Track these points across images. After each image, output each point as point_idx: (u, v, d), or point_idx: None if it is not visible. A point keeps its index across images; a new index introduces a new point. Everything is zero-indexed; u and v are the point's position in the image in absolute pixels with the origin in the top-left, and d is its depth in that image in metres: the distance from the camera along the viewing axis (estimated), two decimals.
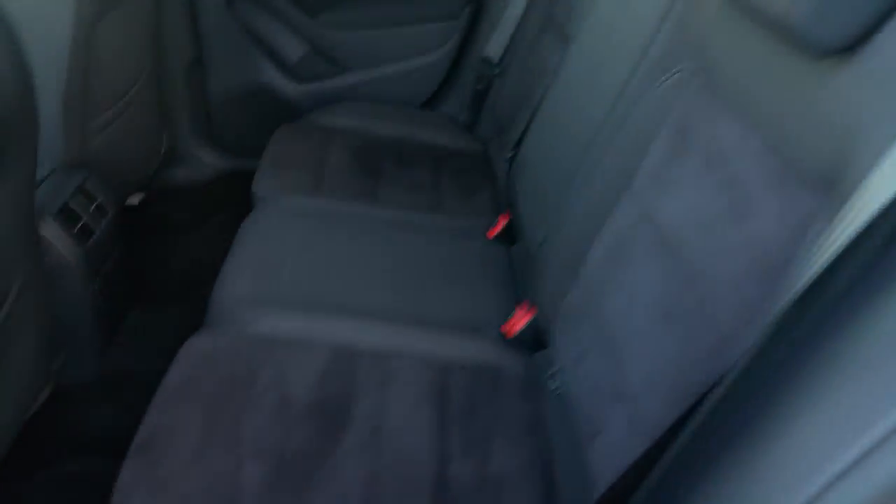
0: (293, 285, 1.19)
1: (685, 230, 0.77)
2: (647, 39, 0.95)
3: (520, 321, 1.20)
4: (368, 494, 0.88)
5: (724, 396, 0.61)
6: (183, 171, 1.88)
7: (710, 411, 0.62)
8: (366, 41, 1.83)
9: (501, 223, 1.48)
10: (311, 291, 1.19)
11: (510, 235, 1.48)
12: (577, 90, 1.21)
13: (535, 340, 1.19)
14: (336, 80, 1.87)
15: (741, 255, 0.66)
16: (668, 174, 0.83)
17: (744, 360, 0.60)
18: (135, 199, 1.71)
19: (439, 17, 1.84)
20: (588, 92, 1.14)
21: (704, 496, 0.58)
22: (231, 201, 1.75)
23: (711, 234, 0.71)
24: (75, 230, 1.14)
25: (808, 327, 0.55)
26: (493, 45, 1.80)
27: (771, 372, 0.57)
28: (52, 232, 1.09)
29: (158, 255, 1.71)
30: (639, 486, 0.70)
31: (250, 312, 1.11)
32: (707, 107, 0.79)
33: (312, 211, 1.39)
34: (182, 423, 0.91)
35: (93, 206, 1.21)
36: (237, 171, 1.92)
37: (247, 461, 0.88)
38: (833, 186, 0.57)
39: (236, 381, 0.98)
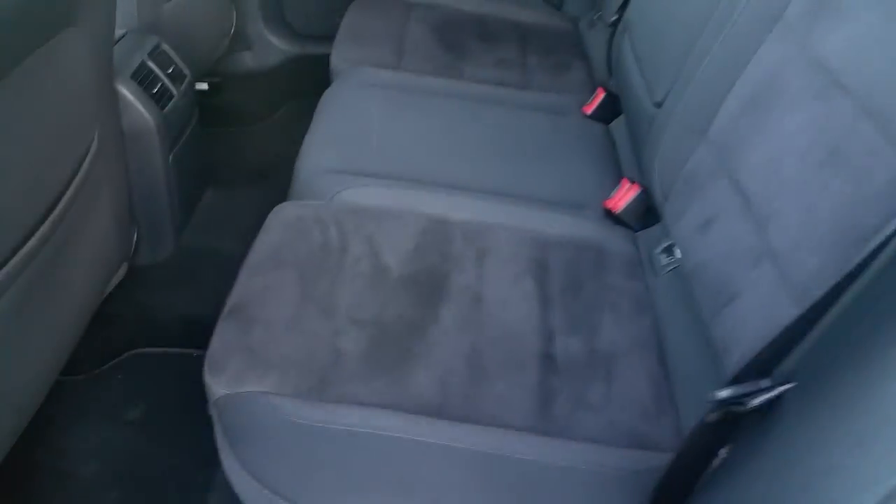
0: (380, 156, 1.12)
1: (861, 59, 0.65)
2: None
3: (625, 196, 1.11)
4: (472, 367, 0.83)
5: None
6: (251, 55, 1.80)
7: (885, 264, 0.53)
8: None
9: (598, 98, 1.36)
10: (399, 162, 1.12)
11: (607, 112, 1.37)
12: None
13: (641, 217, 1.10)
14: None
15: None
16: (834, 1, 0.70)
17: None
18: (203, 85, 1.65)
19: None
20: None
21: (868, 367, 0.48)
22: (301, 88, 1.68)
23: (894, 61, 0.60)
24: (154, 91, 1.09)
25: None
26: None
27: None
28: (131, 89, 1.04)
29: (228, 143, 1.66)
30: (789, 351, 0.61)
31: (337, 183, 1.05)
32: None
33: (394, 84, 1.30)
34: (276, 288, 0.86)
35: (170, 69, 1.15)
36: (307, 57, 1.83)
37: (345, 327, 0.83)
38: None
39: (328, 248, 0.93)
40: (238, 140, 1.71)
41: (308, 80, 1.56)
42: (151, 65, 1.10)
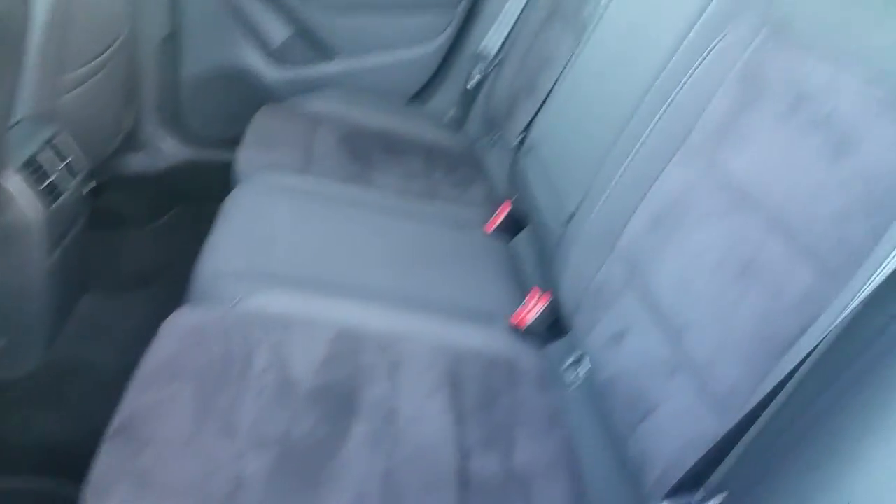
0: (287, 261, 1.09)
1: (767, 178, 0.72)
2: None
3: (532, 309, 1.13)
4: (387, 490, 0.78)
5: (823, 353, 0.55)
6: (143, 156, 1.75)
7: (807, 371, 0.56)
8: (356, 27, 1.76)
9: (501, 214, 1.42)
10: (308, 268, 1.09)
11: (510, 227, 1.42)
12: (608, 67, 1.16)
13: (550, 329, 1.12)
14: (320, 67, 1.79)
15: (846, 190, 0.62)
16: (737, 125, 0.78)
17: (852, 305, 0.54)
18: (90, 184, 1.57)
19: (435, 5, 1.79)
20: (623, 67, 1.10)
21: (797, 478, 0.50)
22: (194, 193, 1.64)
23: (805, 175, 0.67)
24: (41, 187, 1.01)
25: None
26: (492, 37, 1.76)
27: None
28: (15, 185, 0.96)
29: (111, 246, 1.57)
30: (718, 462, 0.62)
31: (241, 288, 1.01)
32: (782, 53, 0.75)
33: (302, 189, 1.30)
34: (170, 404, 0.79)
35: (62, 165, 1.08)
36: (202, 161, 1.80)
37: (247, 450, 0.77)
38: None
39: (230, 359, 0.87)
40: (122, 244, 1.62)
41: (202, 186, 1.52)
42: (45, 156, 1.03)
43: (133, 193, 1.72)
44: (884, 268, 0.53)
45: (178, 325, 0.90)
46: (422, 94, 1.89)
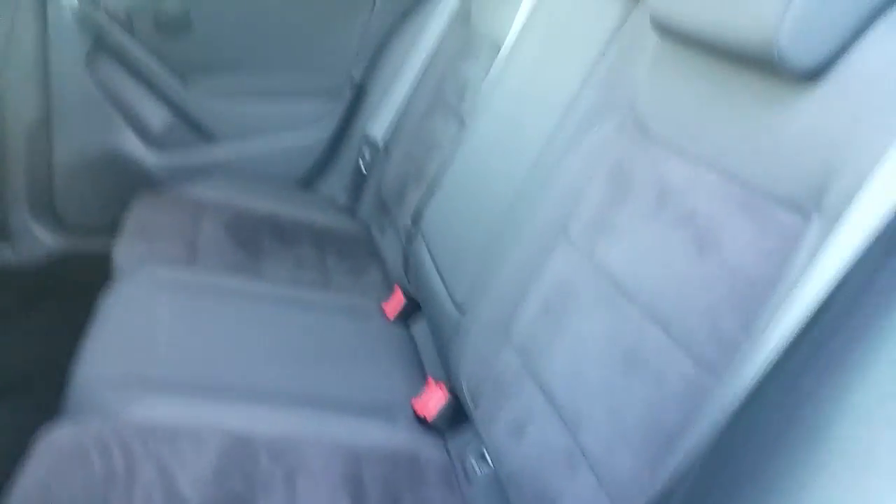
0: (171, 364, 1.04)
1: (639, 270, 0.77)
2: (574, 94, 0.99)
3: (433, 400, 1.13)
4: None
5: (712, 445, 0.58)
6: (10, 248, 1.63)
7: (699, 464, 0.59)
8: (240, 112, 1.76)
9: (398, 301, 1.42)
10: (195, 372, 1.05)
11: (406, 314, 1.42)
12: (489, 155, 1.22)
13: (452, 422, 1.12)
14: (203, 152, 1.76)
15: (712, 285, 0.67)
16: (610, 219, 0.83)
17: (734, 397, 0.59)
18: None
19: (322, 92, 1.82)
20: (503, 156, 1.16)
21: None
22: (69, 288, 1.54)
23: (673, 269, 0.72)
24: None
25: (806, 354, 0.55)
26: (378, 124, 1.80)
27: (769, 405, 0.56)
28: None
29: None
30: None
31: (121, 396, 0.95)
32: (646, 150, 0.82)
33: (187, 284, 1.25)
34: None
35: None
36: (76, 255, 1.71)
37: None
38: (816, 207, 0.59)
39: (112, 479, 0.81)
40: None
41: (77, 280, 1.44)
42: None
43: (3, 286, 1.60)
44: (759, 361, 0.58)
45: (52, 443, 0.83)
46: (312, 179, 1.90)
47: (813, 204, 0.59)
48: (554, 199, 0.94)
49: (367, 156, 1.83)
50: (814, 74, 0.59)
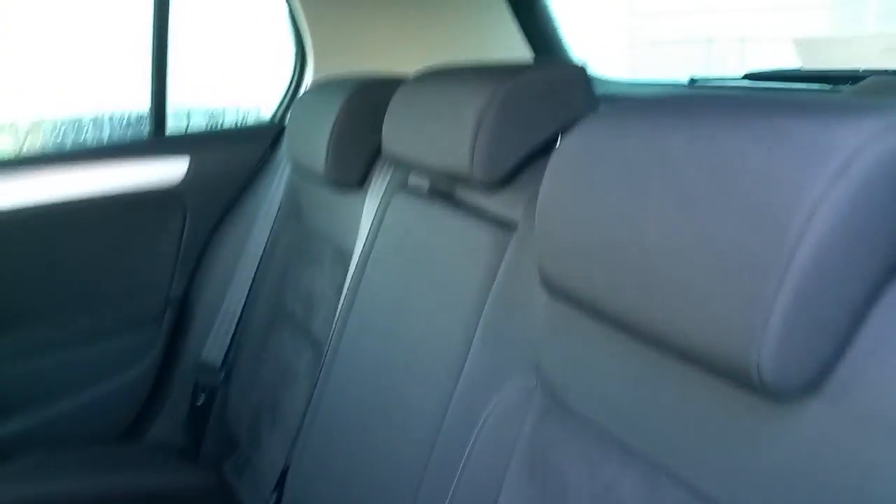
0: None
1: None
2: (458, 349, 0.82)
3: None
4: None
5: None
6: None
7: None
8: (37, 372, 1.46)
9: None
10: None
11: None
12: (361, 406, 1.03)
13: None
14: None
15: None
16: None
17: None
18: None
19: (136, 325, 1.57)
20: (382, 409, 0.97)
21: None
22: None
23: None
24: None
25: None
26: (212, 347, 1.57)
27: None
28: None
29: None
30: None
31: None
32: (576, 439, 0.66)
33: None
34: None
35: None
36: None
37: None
38: None
39: None
40: None
41: None
42: None
43: None
44: None
45: None
46: (138, 427, 1.60)
47: None
48: (462, 495, 0.76)
49: (204, 386, 1.58)
50: (793, 394, 0.46)
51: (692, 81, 1.39)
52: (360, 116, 1.21)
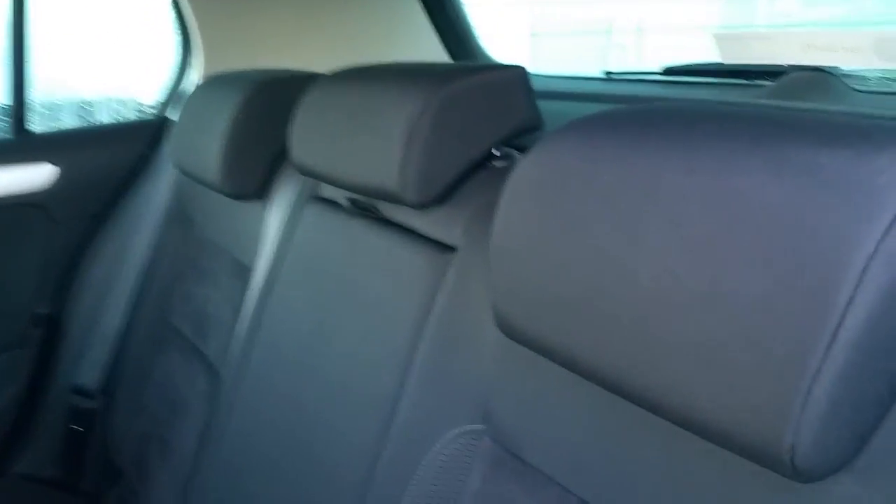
0: None
1: None
2: (389, 392, 0.73)
3: None
4: None
5: None
6: None
7: None
8: None
9: None
10: None
11: None
12: (270, 451, 0.91)
13: None
14: None
15: None
16: None
17: None
18: None
19: None
20: (297, 460, 0.86)
21: None
22: None
23: None
24: None
25: None
26: (87, 369, 1.39)
27: None
28: None
29: None
30: None
31: None
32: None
33: None
34: None
35: None
36: None
37: None
38: None
39: None
40: None
41: None
42: None
43: None
44: None
45: None
46: (3, 461, 1.40)
47: None
48: None
49: (81, 412, 1.39)
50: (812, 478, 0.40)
51: (608, 75, 1.35)
52: (262, 117, 1.08)
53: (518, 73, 0.74)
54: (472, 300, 0.67)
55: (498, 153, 0.75)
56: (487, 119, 0.73)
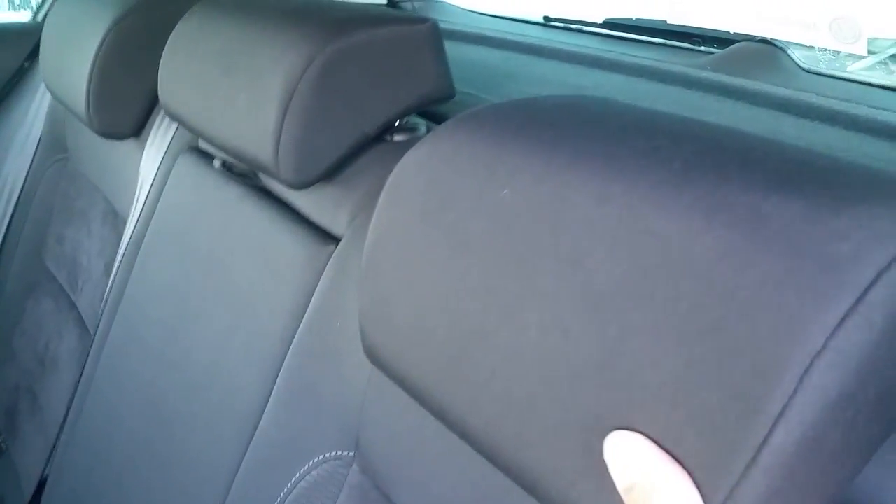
0: None
1: None
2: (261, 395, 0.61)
3: None
4: None
5: None
6: None
7: None
8: None
9: None
10: None
11: None
12: (142, 428, 0.79)
13: None
14: None
15: None
16: None
17: None
18: None
19: None
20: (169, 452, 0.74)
21: None
22: None
23: None
24: None
25: None
26: None
27: None
28: None
29: None
30: None
31: None
32: None
33: None
34: None
35: None
36: None
37: None
38: None
39: None
40: None
41: None
42: None
43: None
44: None
45: None
46: None
47: None
48: None
49: None
50: None
51: (547, 20, 1.20)
52: (140, 40, 0.88)
53: (428, 28, 0.59)
54: (350, 306, 0.54)
55: (398, 125, 0.61)
56: (386, 84, 0.58)
